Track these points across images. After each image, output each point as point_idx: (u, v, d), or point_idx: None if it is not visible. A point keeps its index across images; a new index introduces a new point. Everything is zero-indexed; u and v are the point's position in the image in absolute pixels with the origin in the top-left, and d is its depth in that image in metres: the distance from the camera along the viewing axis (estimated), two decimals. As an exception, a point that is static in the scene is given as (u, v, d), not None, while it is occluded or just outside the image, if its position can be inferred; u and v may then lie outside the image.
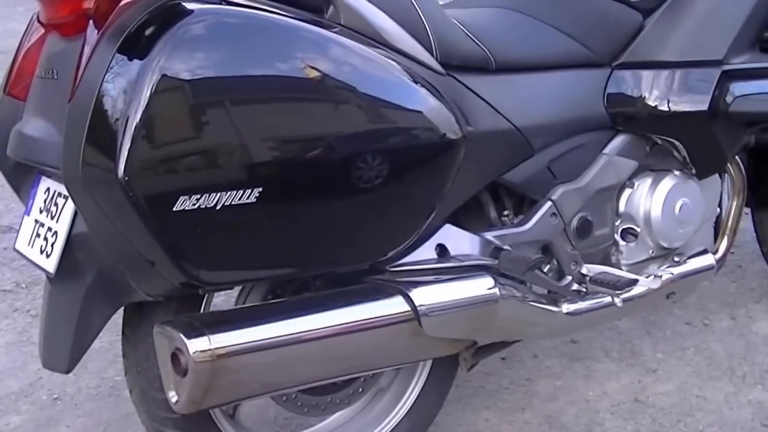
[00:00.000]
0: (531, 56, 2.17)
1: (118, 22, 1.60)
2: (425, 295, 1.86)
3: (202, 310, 1.91)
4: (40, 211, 1.89)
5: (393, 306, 1.85)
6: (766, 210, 3.02)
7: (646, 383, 2.69)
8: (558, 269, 2.22)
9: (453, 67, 1.96)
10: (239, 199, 1.57)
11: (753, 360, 2.82)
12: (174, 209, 1.52)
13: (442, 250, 1.96)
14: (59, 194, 1.83)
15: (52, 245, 1.81)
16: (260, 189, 1.58)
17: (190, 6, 1.57)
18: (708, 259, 2.47)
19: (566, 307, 2.18)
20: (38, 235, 1.87)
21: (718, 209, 2.59)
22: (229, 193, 1.56)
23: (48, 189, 1.89)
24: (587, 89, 2.24)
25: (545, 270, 2.20)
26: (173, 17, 1.55)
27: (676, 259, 2.41)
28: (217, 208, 1.55)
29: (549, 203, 2.15)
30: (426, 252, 1.94)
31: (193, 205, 1.53)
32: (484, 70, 2.05)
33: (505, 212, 2.17)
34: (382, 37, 1.81)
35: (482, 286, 1.95)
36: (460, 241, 2.00)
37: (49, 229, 1.84)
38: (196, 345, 1.63)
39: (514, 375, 2.72)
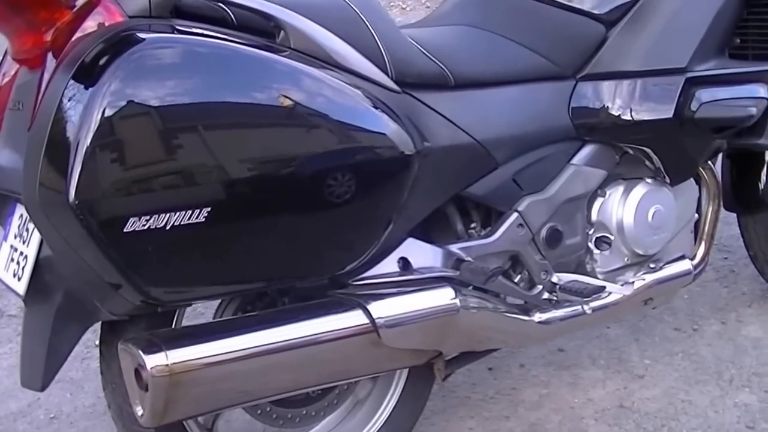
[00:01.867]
0: (492, 71, 2.21)
1: (73, 52, 1.68)
2: (383, 308, 1.91)
3: (173, 326, 1.96)
4: (15, 237, 1.96)
5: (352, 319, 1.90)
6: (751, 214, 3.04)
7: (632, 389, 2.71)
8: (528, 278, 2.26)
9: (409, 84, 2.01)
10: (188, 219, 1.63)
11: (741, 363, 2.84)
12: (125, 230, 1.58)
13: (404, 263, 2.01)
14: (29, 220, 1.90)
15: (23, 269, 1.89)
16: (208, 209, 1.65)
17: (141, 35, 1.64)
18: (685, 265, 2.50)
19: (538, 316, 2.22)
20: (12, 260, 1.95)
21: (696, 215, 2.61)
22: (177, 213, 1.62)
23: (21, 215, 1.96)
24: (551, 101, 2.29)
25: (515, 280, 2.24)
26: (125, 46, 1.62)
27: (652, 265, 2.45)
28: (167, 228, 1.61)
29: (515, 214, 2.20)
30: (388, 265, 1.99)
31: (143, 225, 1.59)
32: (442, 86, 2.10)
33: (473, 225, 2.22)
34: (333, 58, 1.86)
35: (442, 296, 1.99)
36: (423, 254, 2.05)
37: (21, 253, 1.92)
38: (154, 360, 1.69)
39: (500, 385, 2.75)
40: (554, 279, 2.27)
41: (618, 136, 2.33)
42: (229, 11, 1.83)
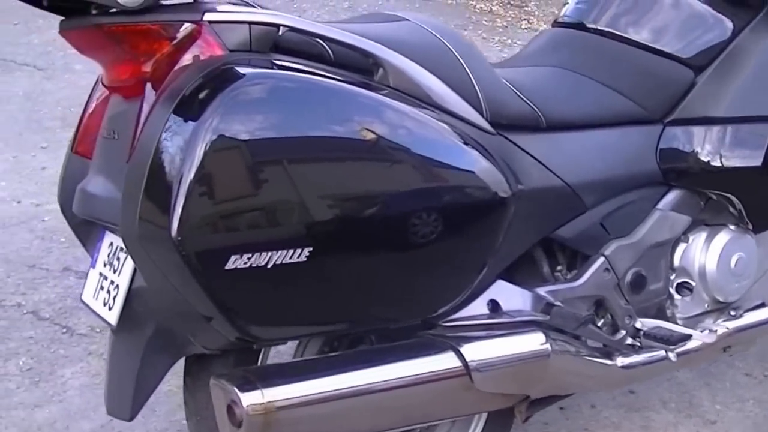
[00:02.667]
0: (582, 113, 2.20)
1: (173, 84, 1.68)
2: (476, 351, 1.90)
3: (259, 362, 1.96)
4: (104, 265, 1.97)
5: (444, 361, 1.89)
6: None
7: (704, 435, 2.69)
8: (612, 323, 2.24)
9: (503, 126, 2.00)
10: (290, 258, 1.63)
11: (814, 412, 2.80)
12: (226, 268, 1.58)
13: (494, 305, 2.00)
14: (121, 249, 1.91)
15: (114, 298, 1.89)
16: (310, 248, 1.64)
17: (242, 70, 1.65)
18: (765, 313, 2.47)
19: (621, 361, 2.20)
20: (102, 288, 1.96)
21: (777, 263, 2.58)
22: (279, 252, 1.62)
23: (111, 243, 1.97)
24: (639, 146, 2.27)
25: (599, 324, 2.22)
26: (226, 80, 1.62)
27: (733, 312, 2.42)
28: (268, 266, 1.61)
29: (602, 259, 2.18)
30: (478, 307, 1.98)
31: (245, 263, 1.59)
32: (534, 128, 2.09)
33: (558, 267, 2.20)
34: (430, 98, 1.86)
35: (533, 341, 1.98)
36: (512, 296, 2.04)
37: (112, 282, 1.92)
38: (250, 398, 1.69)
39: (572, 425, 2.73)
40: (638, 324, 2.24)
41: (705, 182, 2.31)
42: (327, 47, 1.83)
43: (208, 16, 1.69)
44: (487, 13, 8.25)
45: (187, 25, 1.73)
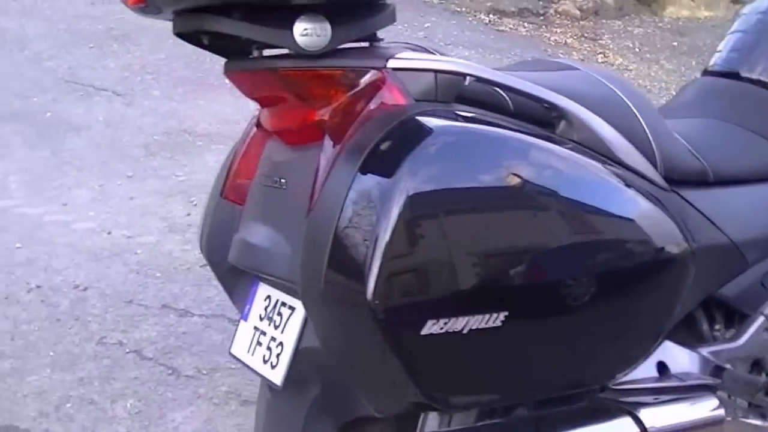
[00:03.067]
0: (747, 167, 2.12)
1: (359, 136, 1.59)
2: (654, 417, 1.81)
3: (418, 429, 1.88)
4: (260, 319, 1.89)
5: (621, 428, 1.80)
6: None
7: None
8: (768, 385, 2.15)
9: (674, 181, 1.92)
10: (486, 323, 1.55)
11: None
12: (422, 333, 1.51)
13: (662, 367, 1.92)
14: (283, 304, 1.83)
15: (278, 356, 1.81)
16: (506, 312, 1.56)
17: (433, 123, 1.57)
18: None
19: (780, 424, 2.11)
20: (260, 344, 1.88)
21: None
22: (477, 317, 1.54)
23: (269, 297, 1.89)
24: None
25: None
26: (414, 135, 1.55)
27: None
28: (464, 332, 1.53)
29: (762, 318, 2.09)
30: (647, 369, 1.89)
31: (441, 329, 1.52)
32: (702, 183, 2.01)
33: (717, 326, 2.11)
34: (613, 153, 1.79)
35: (708, 406, 1.90)
36: (679, 358, 1.95)
37: (273, 338, 1.84)
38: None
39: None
40: (800, 388, 2.15)
41: None
42: (507, 97, 1.76)
43: (392, 63, 1.62)
44: (562, 46, 8.18)
45: (368, 71, 1.65)
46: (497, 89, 1.74)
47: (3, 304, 3.50)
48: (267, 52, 1.73)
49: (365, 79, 1.65)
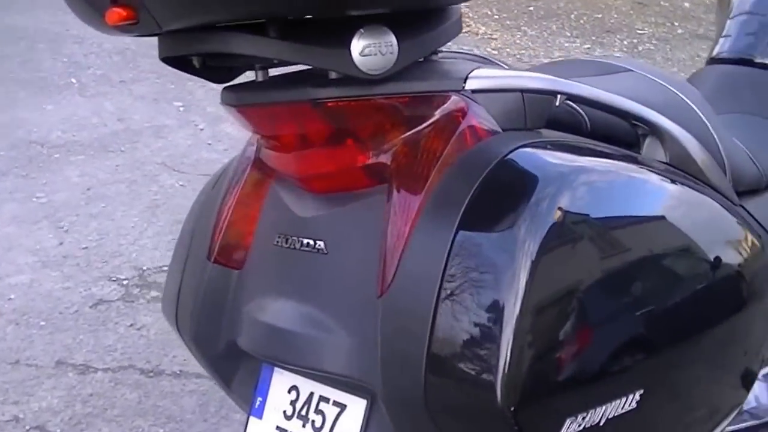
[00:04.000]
0: None
1: (443, 186, 1.23)
2: None
3: None
4: (287, 417, 1.47)
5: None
6: None
7: None
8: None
9: (739, 193, 1.68)
10: (622, 408, 1.25)
11: None
12: None
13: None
14: (324, 399, 1.43)
15: None
16: (641, 391, 1.27)
17: (539, 160, 1.25)
18: None
19: None
20: None
21: None
22: (613, 403, 1.24)
23: (295, 388, 1.47)
24: None
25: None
26: (526, 178, 1.21)
27: None
28: (601, 423, 1.23)
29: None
30: None
31: (579, 426, 1.20)
32: (756, 190, 1.79)
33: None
34: (704, 174, 1.52)
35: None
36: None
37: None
38: None
39: None
40: None
41: None
42: (584, 114, 1.44)
43: (472, 84, 1.26)
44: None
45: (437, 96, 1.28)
46: (576, 107, 1.41)
47: None
48: (273, 72, 1.34)
49: (438, 107, 1.28)
